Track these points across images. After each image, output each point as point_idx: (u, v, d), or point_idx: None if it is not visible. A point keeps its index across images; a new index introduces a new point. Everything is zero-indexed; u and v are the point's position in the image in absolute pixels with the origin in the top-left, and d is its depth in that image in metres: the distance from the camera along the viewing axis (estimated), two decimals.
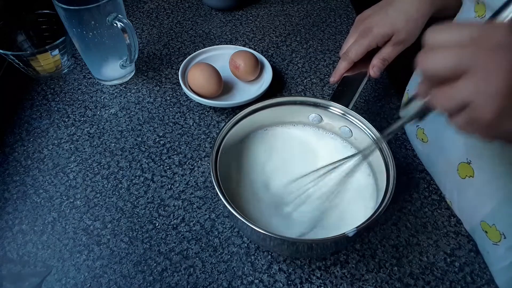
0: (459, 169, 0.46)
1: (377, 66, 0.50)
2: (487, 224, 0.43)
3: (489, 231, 0.43)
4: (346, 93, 0.49)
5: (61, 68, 0.64)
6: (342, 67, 0.52)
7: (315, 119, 0.49)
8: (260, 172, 0.47)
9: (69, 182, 0.51)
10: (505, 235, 0.41)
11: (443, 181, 0.51)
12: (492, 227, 0.42)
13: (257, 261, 0.44)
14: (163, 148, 0.56)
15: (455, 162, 0.46)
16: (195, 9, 0.81)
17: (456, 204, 0.49)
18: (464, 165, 0.45)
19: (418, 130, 0.53)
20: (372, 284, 0.43)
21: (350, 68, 0.52)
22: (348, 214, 0.43)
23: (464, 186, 0.45)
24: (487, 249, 0.44)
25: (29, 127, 0.58)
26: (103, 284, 0.42)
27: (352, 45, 0.51)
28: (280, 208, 0.44)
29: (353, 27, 0.53)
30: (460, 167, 0.45)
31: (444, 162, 0.49)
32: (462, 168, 0.45)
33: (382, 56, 0.50)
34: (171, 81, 0.65)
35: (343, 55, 0.52)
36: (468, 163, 0.44)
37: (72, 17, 0.54)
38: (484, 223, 0.43)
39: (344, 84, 0.51)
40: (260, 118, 0.48)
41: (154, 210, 0.49)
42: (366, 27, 0.50)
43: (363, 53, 0.50)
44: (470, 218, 0.46)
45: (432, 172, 0.53)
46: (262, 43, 0.73)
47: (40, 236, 0.46)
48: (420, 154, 0.55)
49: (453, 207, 0.49)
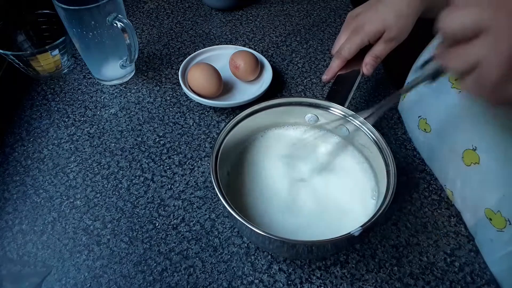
0: (464, 156, 0.45)
1: (370, 64, 0.50)
2: (492, 211, 0.42)
3: (494, 218, 0.42)
4: (341, 91, 0.49)
5: (61, 68, 0.64)
6: (335, 65, 0.52)
7: (312, 119, 0.49)
8: (260, 173, 0.47)
9: (69, 182, 0.51)
10: (511, 221, 0.41)
11: (445, 171, 0.50)
12: (497, 214, 0.42)
13: (257, 261, 0.44)
14: (163, 148, 0.56)
15: (460, 150, 0.45)
16: (195, 9, 0.81)
17: (458, 193, 0.48)
18: (470, 152, 0.44)
19: (420, 121, 0.53)
20: (372, 284, 0.43)
21: (343, 66, 0.52)
22: (348, 214, 0.43)
23: (469, 173, 0.45)
24: (490, 237, 0.43)
25: (29, 127, 0.58)
26: (103, 284, 0.42)
27: (345, 43, 0.51)
28: (280, 208, 0.44)
29: (344, 24, 0.53)
30: (465, 154, 0.45)
31: (447, 150, 0.48)
32: (467, 155, 0.45)
33: (374, 53, 0.50)
34: (171, 81, 0.65)
35: (336, 54, 0.52)
36: (474, 150, 0.44)
37: (72, 17, 0.54)
38: (489, 210, 0.43)
39: (338, 82, 0.51)
40: (258, 120, 0.48)
41: (154, 210, 0.49)
42: (357, 24, 0.50)
43: (356, 51, 0.50)
44: (473, 206, 0.46)
45: (432, 164, 0.53)
46: (262, 43, 0.73)
47: (40, 236, 0.46)
48: (421, 145, 0.54)
49: (454, 197, 0.49)
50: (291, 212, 0.44)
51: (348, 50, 0.50)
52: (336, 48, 0.52)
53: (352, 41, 0.50)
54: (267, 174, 0.47)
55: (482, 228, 0.45)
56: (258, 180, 0.46)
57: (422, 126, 0.53)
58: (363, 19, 0.50)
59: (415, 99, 0.55)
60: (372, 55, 0.50)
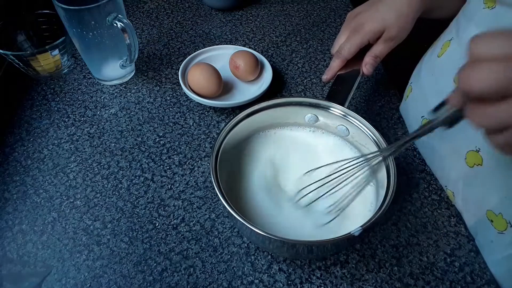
0: (467, 158, 0.45)
1: (370, 64, 0.50)
2: (493, 213, 0.42)
3: (495, 220, 0.42)
4: (341, 91, 0.49)
5: (61, 68, 0.64)
6: (335, 65, 0.52)
7: (311, 119, 0.49)
8: (260, 173, 0.47)
9: (69, 182, 0.51)
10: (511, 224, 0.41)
11: (447, 172, 0.50)
12: (499, 215, 0.42)
13: (257, 261, 0.44)
14: (163, 148, 0.56)
15: (463, 151, 0.45)
16: (195, 9, 0.81)
17: (460, 194, 0.48)
18: (473, 153, 0.44)
19: (424, 121, 0.53)
20: (372, 284, 0.43)
21: (343, 66, 0.51)
22: (347, 214, 0.43)
23: (472, 175, 0.45)
24: (491, 238, 0.43)
25: (29, 127, 0.58)
26: (103, 284, 0.42)
27: (344, 42, 0.51)
28: (280, 208, 0.44)
29: (344, 24, 0.53)
30: (468, 156, 0.45)
31: (450, 151, 0.48)
32: (470, 157, 0.45)
33: (374, 53, 0.50)
34: (171, 81, 0.65)
35: (336, 53, 0.52)
36: (477, 151, 0.43)
37: (72, 17, 0.54)
38: (490, 212, 0.43)
39: (338, 82, 0.51)
40: (258, 120, 0.48)
41: (154, 210, 0.49)
42: (357, 24, 0.50)
43: (356, 51, 0.50)
44: (475, 208, 0.46)
45: (434, 165, 0.53)
46: (262, 43, 0.73)
47: (40, 236, 0.46)
48: (424, 146, 0.54)
49: (455, 198, 0.49)
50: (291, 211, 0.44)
51: (348, 49, 0.50)
52: (336, 48, 0.52)
53: (352, 41, 0.50)
54: (267, 174, 0.47)
55: (483, 229, 0.45)
56: (258, 180, 0.46)
57: None
58: (363, 18, 0.50)
59: (419, 99, 0.54)
60: (372, 55, 0.50)
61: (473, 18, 0.44)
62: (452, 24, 0.50)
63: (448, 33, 0.50)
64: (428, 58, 0.54)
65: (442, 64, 0.49)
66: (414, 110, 0.56)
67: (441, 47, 0.50)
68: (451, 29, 0.50)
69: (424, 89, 0.53)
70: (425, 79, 0.53)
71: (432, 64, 0.52)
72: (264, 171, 0.47)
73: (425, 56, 0.56)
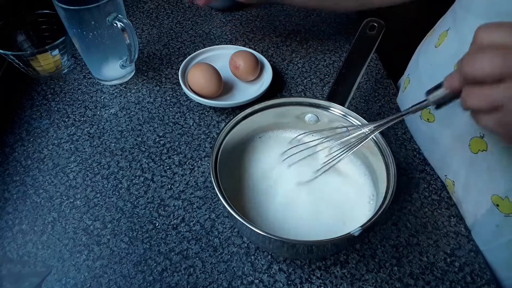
0: (471, 144, 0.45)
1: None
2: (499, 197, 0.42)
3: (501, 204, 0.42)
4: (341, 91, 0.49)
5: (61, 68, 0.64)
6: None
7: (312, 119, 0.49)
8: (260, 173, 0.47)
9: (69, 182, 0.51)
10: None
11: (447, 161, 0.50)
12: (505, 199, 0.42)
13: (257, 261, 0.44)
14: (163, 148, 0.56)
15: (467, 138, 0.45)
16: (195, 9, 0.81)
17: (461, 182, 0.48)
18: (477, 139, 0.44)
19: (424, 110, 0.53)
20: (372, 284, 0.43)
21: None
22: (347, 214, 0.43)
23: (476, 161, 0.44)
24: (496, 223, 0.43)
25: (29, 127, 0.58)
26: (103, 284, 0.42)
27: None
28: (279, 208, 0.44)
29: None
30: (472, 142, 0.44)
31: (452, 139, 0.48)
32: (474, 143, 0.44)
33: None
34: (171, 81, 0.65)
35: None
36: (481, 137, 0.43)
37: (72, 17, 0.54)
38: (496, 197, 0.43)
39: (338, 82, 0.51)
40: (258, 120, 0.48)
41: (154, 210, 0.49)
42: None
43: None
44: (478, 194, 0.45)
45: (433, 156, 0.52)
46: (262, 43, 0.73)
47: (40, 236, 0.46)
48: (422, 136, 0.54)
49: (455, 187, 0.48)
50: (291, 212, 0.44)
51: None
52: None
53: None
54: (267, 174, 0.47)
55: (487, 215, 0.44)
56: (258, 180, 0.46)
57: (425, 116, 0.52)
58: None
59: (417, 91, 0.54)
60: None
61: (471, 8, 0.43)
62: (448, 14, 0.50)
63: (444, 23, 0.50)
64: (426, 49, 0.54)
65: (440, 54, 0.49)
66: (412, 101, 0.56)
67: (438, 37, 0.50)
68: (447, 19, 0.50)
69: (422, 80, 0.53)
70: (423, 70, 0.53)
71: (429, 54, 0.52)
72: (264, 171, 0.47)
73: (421, 47, 0.56)
